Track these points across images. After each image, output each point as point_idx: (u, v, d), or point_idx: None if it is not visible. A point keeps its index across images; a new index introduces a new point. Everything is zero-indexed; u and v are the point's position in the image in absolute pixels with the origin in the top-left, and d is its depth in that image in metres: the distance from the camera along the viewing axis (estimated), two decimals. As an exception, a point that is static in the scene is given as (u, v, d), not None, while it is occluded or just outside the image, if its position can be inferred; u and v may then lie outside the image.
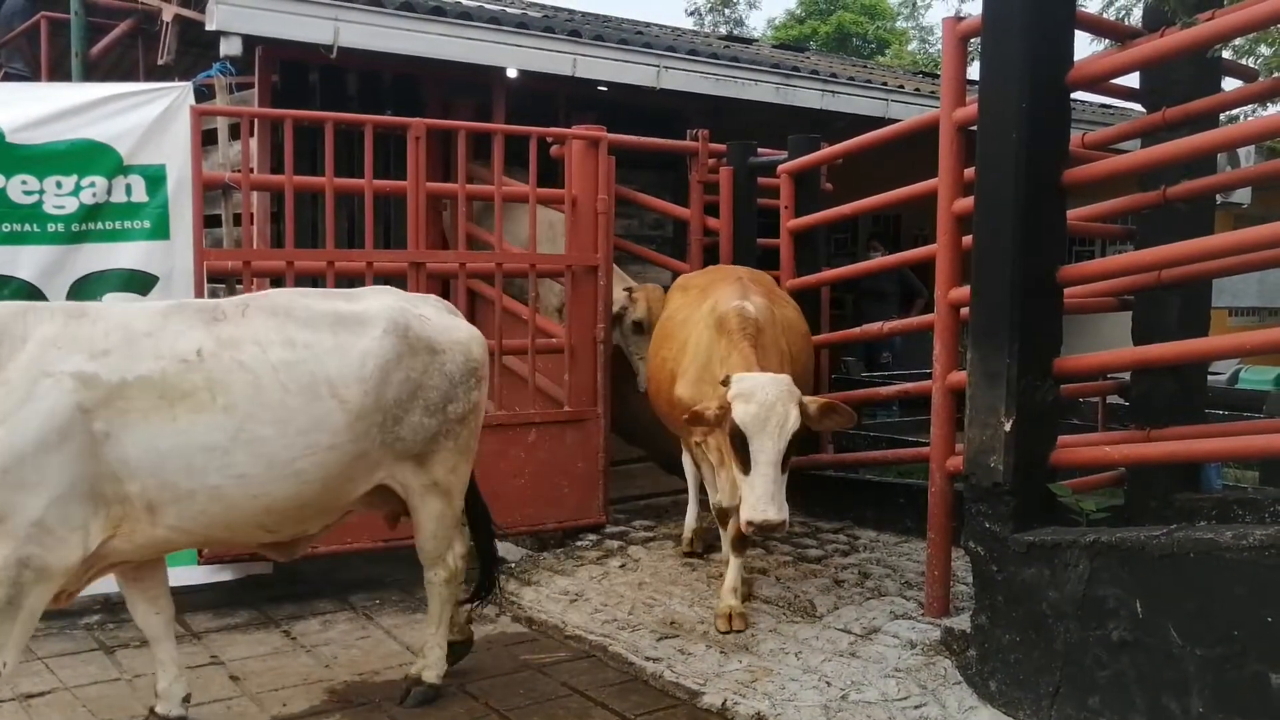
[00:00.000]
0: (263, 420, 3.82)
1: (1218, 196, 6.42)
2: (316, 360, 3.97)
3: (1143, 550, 3.79)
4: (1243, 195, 12.32)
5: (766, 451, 4.48)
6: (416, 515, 4.41)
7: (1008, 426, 4.31)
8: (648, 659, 4.79)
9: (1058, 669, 4.04)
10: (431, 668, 4.52)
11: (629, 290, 6.82)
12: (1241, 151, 10.07)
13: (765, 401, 4.52)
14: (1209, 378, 6.19)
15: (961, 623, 4.66)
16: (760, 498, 4.43)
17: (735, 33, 24.75)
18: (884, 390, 7.32)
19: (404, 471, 4.29)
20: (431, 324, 4.35)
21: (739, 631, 5.00)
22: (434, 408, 4.27)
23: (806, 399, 4.72)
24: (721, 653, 4.80)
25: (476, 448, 4.58)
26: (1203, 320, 5.39)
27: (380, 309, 4.23)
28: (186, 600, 5.67)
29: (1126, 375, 5.70)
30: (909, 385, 6.87)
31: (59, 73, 9.21)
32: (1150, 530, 3.87)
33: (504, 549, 6.63)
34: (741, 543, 5.16)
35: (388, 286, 4.75)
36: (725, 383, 4.70)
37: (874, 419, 8.94)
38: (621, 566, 6.06)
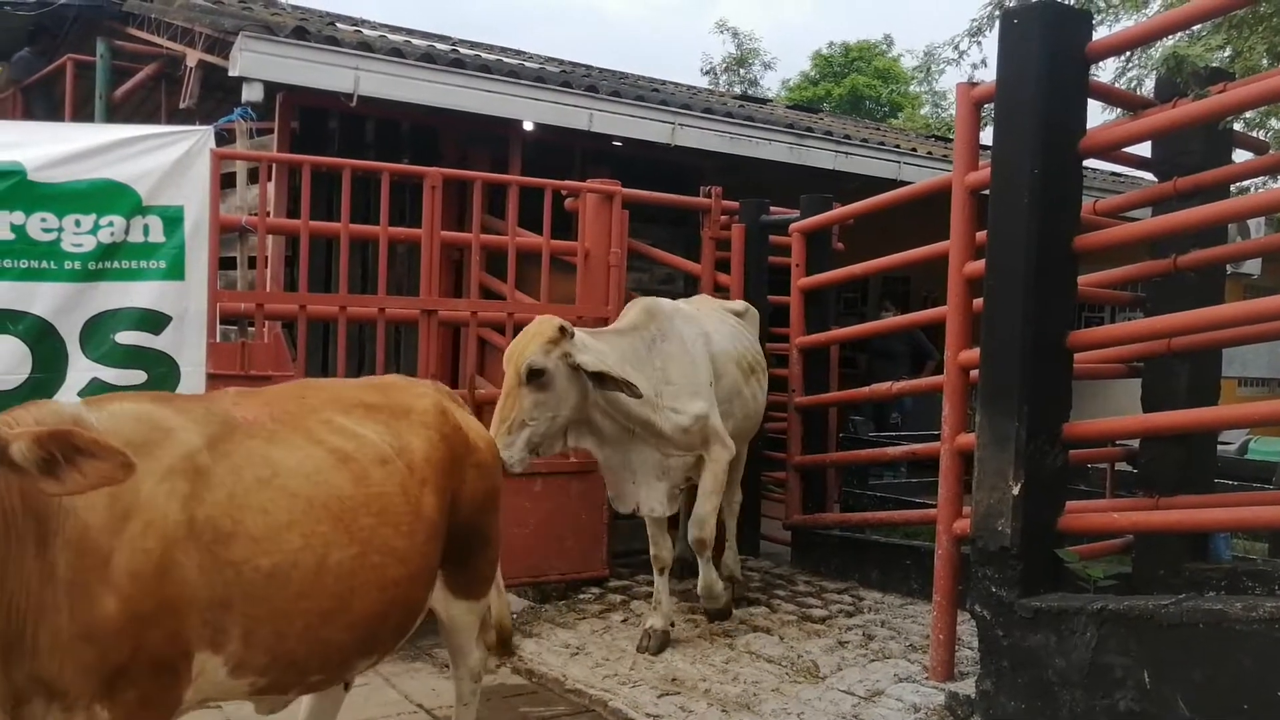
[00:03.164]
0: None
1: (1228, 266, 6.45)
2: None
3: (1151, 619, 3.76)
4: (1253, 266, 12.35)
5: None
6: None
7: (1016, 490, 4.30)
8: (648, 715, 4.74)
9: (1063, 738, 4.00)
10: None
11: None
12: (1252, 223, 10.10)
13: None
14: (1218, 447, 6.17)
15: (966, 688, 4.61)
16: None
17: (750, 93, 24.99)
18: (892, 450, 7.31)
19: None
20: None
21: None
22: None
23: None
24: (723, 711, 4.75)
25: None
26: (1212, 389, 5.39)
27: None
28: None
29: (1135, 442, 5.69)
30: (917, 446, 6.86)
31: (83, 114, 9.33)
32: (1159, 599, 3.84)
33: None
34: None
35: None
36: None
37: (881, 479, 8.92)
38: (624, 621, 6.02)
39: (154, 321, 5.62)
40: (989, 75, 4.92)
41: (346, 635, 3.02)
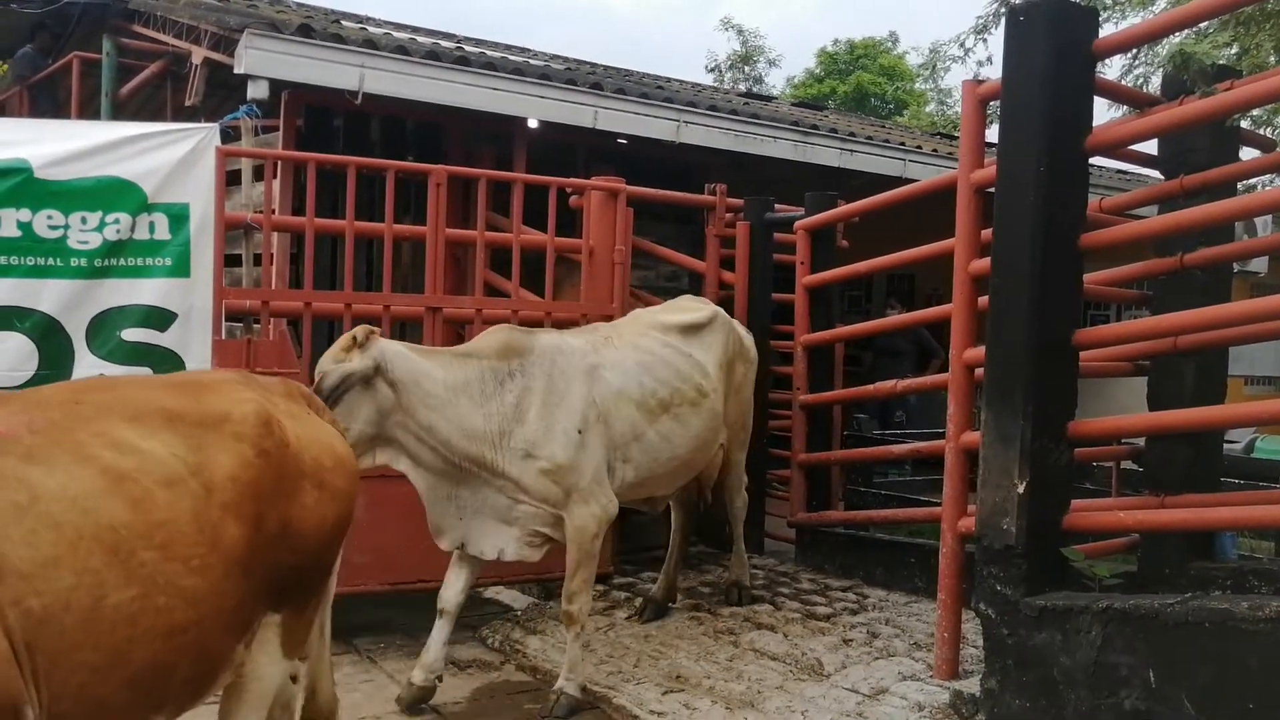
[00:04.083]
0: None
1: (1235, 264, 6.43)
2: None
3: (1156, 618, 3.75)
4: (1259, 264, 12.34)
5: None
6: None
7: (1021, 489, 4.29)
8: (652, 713, 4.74)
9: (1068, 737, 3.99)
10: None
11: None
12: (1259, 221, 10.07)
13: None
14: (1225, 446, 6.16)
15: (971, 686, 4.60)
16: None
17: (755, 90, 24.97)
18: (896, 449, 7.30)
19: None
20: None
21: None
22: None
23: None
24: (727, 709, 4.75)
25: None
26: (1219, 387, 5.38)
27: None
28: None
29: (1141, 440, 5.68)
30: (922, 444, 6.85)
31: (89, 111, 9.34)
32: (1164, 598, 3.83)
33: (510, 597, 6.62)
34: None
35: None
36: None
37: (886, 477, 8.91)
38: (628, 618, 6.02)
39: (160, 318, 5.64)
40: (995, 73, 4.91)
41: (126, 694, 2.51)
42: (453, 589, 5.05)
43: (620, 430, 5.16)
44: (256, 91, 6.84)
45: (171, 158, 5.68)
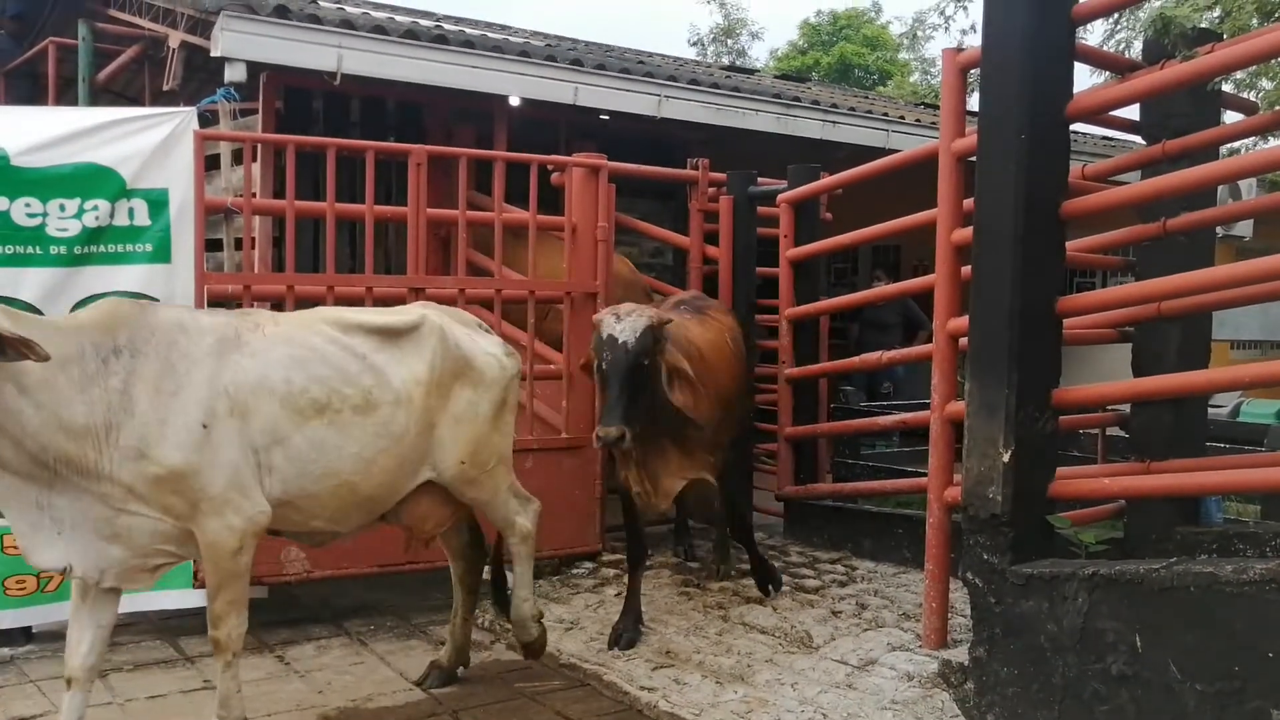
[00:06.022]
0: None
1: (1219, 229, 6.42)
2: None
3: (1142, 583, 3.76)
4: (1244, 229, 12.34)
5: None
6: None
7: (1006, 457, 4.29)
8: (643, 688, 4.76)
9: (1056, 703, 4.00)
10: None
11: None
12: (1243, 184, 10.10)
13: None
14: (1210, 411, 6.17)
15: (959, 655, 4.62)
16: None
17: (738, 63, 24.86)
18: (883, 420, 7.31)
19: None
20: None
21: None
22: None
23: None
24: (717, 683, 4.77)
25: None
26: (1203, 353, 5.39)
27: None
28: (180, 624, 5.66)
29: (1126, 407, 5.69)
30: (907, 415, 6.86)
31: (66, 98, 9.25)
32: (1150, 563, 3.84)
33: (500, 576, 6.62)
34: None
35: None
36: None
37: (873, 449, 8.93)
38: (617, 595, 6.02)
39: (141, 305, 5.60)
40: (977, 41, 4.89)
41: None
42: (79, 649, 3.99)
43: (259, 428, 4.10)
44: (234, 74, 6.78)
45: (149, 143, 5.64)
